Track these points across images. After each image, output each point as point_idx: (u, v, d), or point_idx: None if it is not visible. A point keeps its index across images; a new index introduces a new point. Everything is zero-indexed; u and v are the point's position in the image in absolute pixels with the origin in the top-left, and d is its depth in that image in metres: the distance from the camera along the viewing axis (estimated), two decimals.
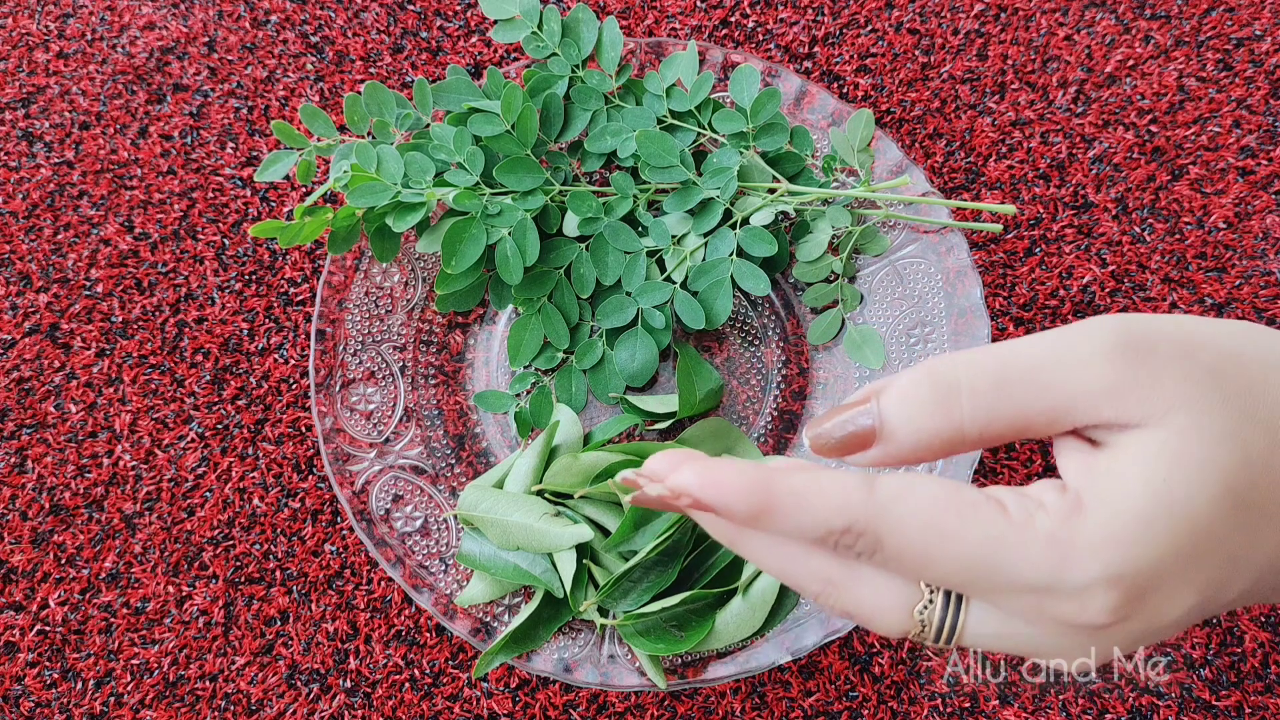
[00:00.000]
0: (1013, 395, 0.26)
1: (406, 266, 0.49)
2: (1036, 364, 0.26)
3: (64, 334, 0.52)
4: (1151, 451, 0.25)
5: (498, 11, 0.47)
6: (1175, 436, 0.25)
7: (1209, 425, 0.25)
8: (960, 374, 0.26)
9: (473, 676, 0.46)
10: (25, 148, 0.54)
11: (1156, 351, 0.26)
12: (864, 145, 0.46)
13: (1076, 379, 0.26)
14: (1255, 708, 0.46)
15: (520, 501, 0.43)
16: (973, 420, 0.26)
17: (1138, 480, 0.25)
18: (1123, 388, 0.25)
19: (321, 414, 0.46)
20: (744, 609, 0.43)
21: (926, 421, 0.26)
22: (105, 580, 0.49)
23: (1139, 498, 0.25)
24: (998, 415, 0.26)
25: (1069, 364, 0.26)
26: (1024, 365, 0.26)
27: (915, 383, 0.27)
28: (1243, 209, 0.52)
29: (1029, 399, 0.26)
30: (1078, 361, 0.26)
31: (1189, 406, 0.25)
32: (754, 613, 0.43)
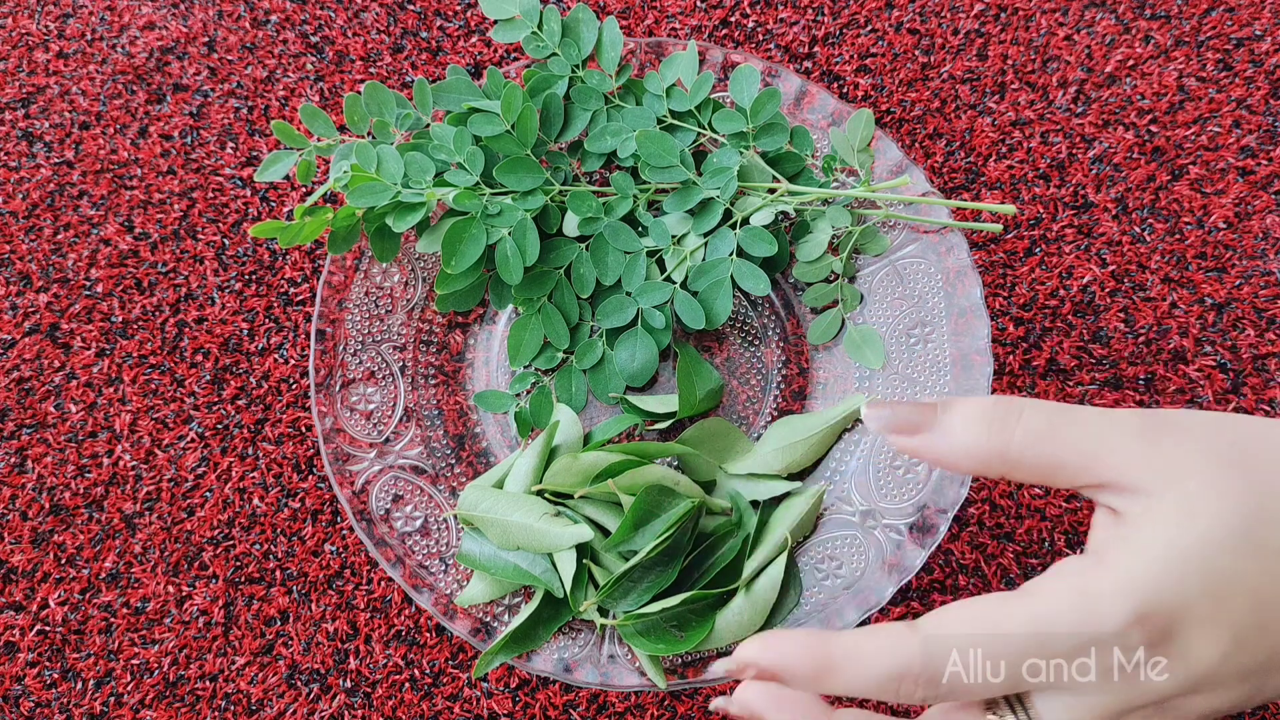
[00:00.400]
0: (1060, 435, 0.29)
1: (406, 266, 0.49)
2: (1082, 421, 0.30)
3: (64, 334, 0.52)
4: (1168, 509, 0.28)
5: (498, 11, 0.47)
6: (1189, 497, 0.28)
7: (1224, 487, 0.28)
8: (1024, 406, 0.30)
9: (473, 676, 0.46)
10: (25, 148, 0.54)
11: (1183, 428, 0.29)
12: (864, 145, 0.46)
13: (1111, 441, 0.29)
14: (1255, 707, 0.46)
15: (520, 501, 0.43)
16: (1019, 445, 0.30)
17: (1154, 532, 0.28)
18: (1147, 452, 0.29)
19: (321, 414, 0.46)
20: (745, 608, 0.43)
21: (980, 428, 0.30)
22: (105, 580, 0.49)
23: (1155, 544, 0.27)
24: (1041, 446, 0.30)
25: (1107, 428, 0.29)
26: (1076, 416, 0.30)
27: (982, 400, 0.31)
28: (1243, 209, 0.52)
29: (1069, 445, 0.29)
30: (1115, 429, 0.29)
31: (1205, 472, 0.28)
32: (755, 612, 0.43)
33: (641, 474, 0.43)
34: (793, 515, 0.44)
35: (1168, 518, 0.28)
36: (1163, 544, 0.27)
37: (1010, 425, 0.30)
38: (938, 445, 0.31)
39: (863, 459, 0.46)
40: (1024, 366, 0.50)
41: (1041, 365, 0.50)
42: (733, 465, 0.46)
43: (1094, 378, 0.50)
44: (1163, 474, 0.28)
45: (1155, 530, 0.28)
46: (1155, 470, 0.28)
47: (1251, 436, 0.29)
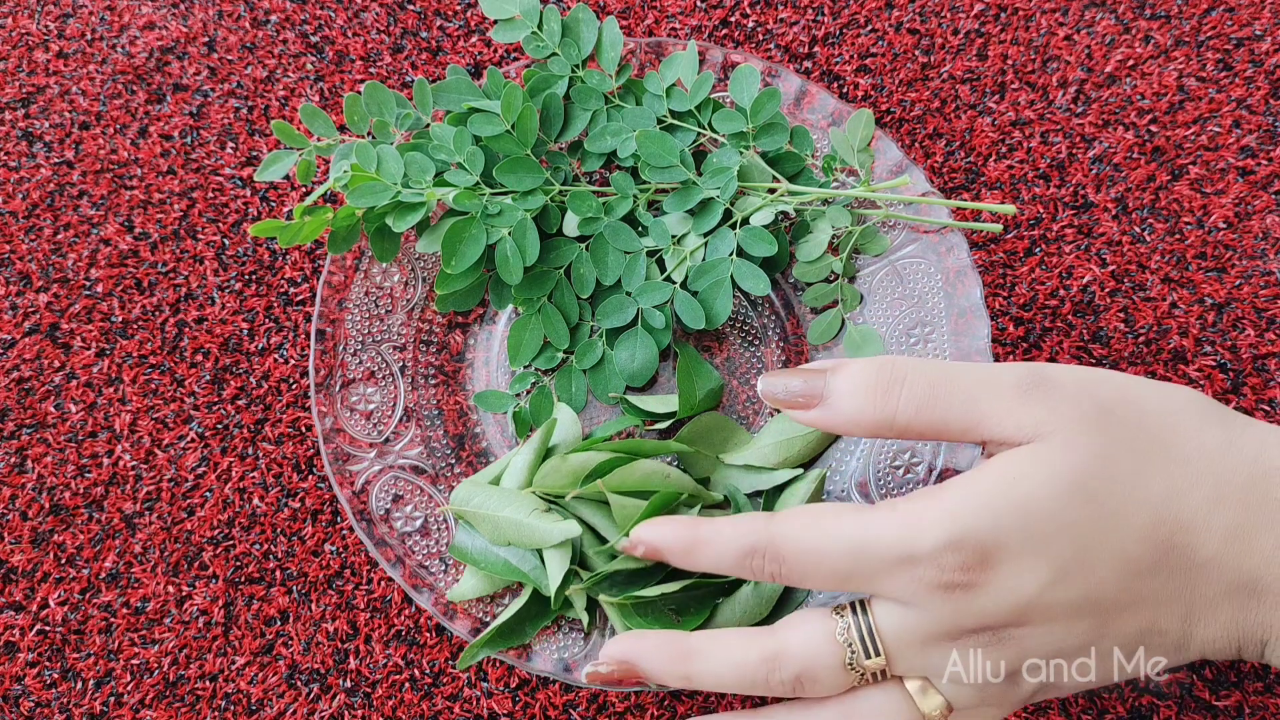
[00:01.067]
0: (940, 400, 0.32)
1: (406, 266, 0.49)
2: (966, 382, 0.32)
3: (64, 334, 0.52)
4: (1017, 456, 0.30)
5: (498, 11, 0.47)
6: (1044, 446, 0.30)
7: (1080, 441, 0.30)
8: (906, 371, 0.32)
9: (457, 667, 0.46)
10: (25, 148, 0.54)
11: (1059, 385, 0.31)
12: (864, 145, 0.46)
13: (990, 400, 0.31)
14: (1255, 708, 0.46)
15: (512, 497, 0.43)
16: (904, 411, 0.32)
17: (991, 471, 0.30)
18: (1021, 409, 0.31)
19: (321, 414, 0.46)
20: (750, 598, 0.43)
21: (866, 399, 0.33)
22: (105, 580, 0.49)
23: (985, 481, 0.30)
24: (924, 413, 0.32)
25: (989, 386, 0.31)
26: (956, 380, 0.32)
27: (866, 367, 0.33)
28: (1243, 209, 0.52)
29: (952, 407, 0.32)
30: (994, 387, 0.31)
31: (1070, 427, 0.30)
32: (761, 602, 0.43)
33: (630, 470, 0.42)
34: (795, 502, 0.44)
35: (1011, 463, 0.30)
36: (993, 483, 0.30)
37: (894, 394, 0.32)
38: (829, 418, 0.34)
39: (863, 459, 0.46)
40: None
41: None
42: (730, 457, 0.46)
43: None
44: (1030, 429, 0.30)
45: (992, 470, 0.30)
46: (1024, 426, 0.30)
47: (1119, 399, 0.31)
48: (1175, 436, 0.31)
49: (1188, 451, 0.31)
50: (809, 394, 0.34)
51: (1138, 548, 0.30)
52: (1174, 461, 0.30)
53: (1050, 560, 0.29)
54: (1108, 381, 0.32)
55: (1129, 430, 0.31)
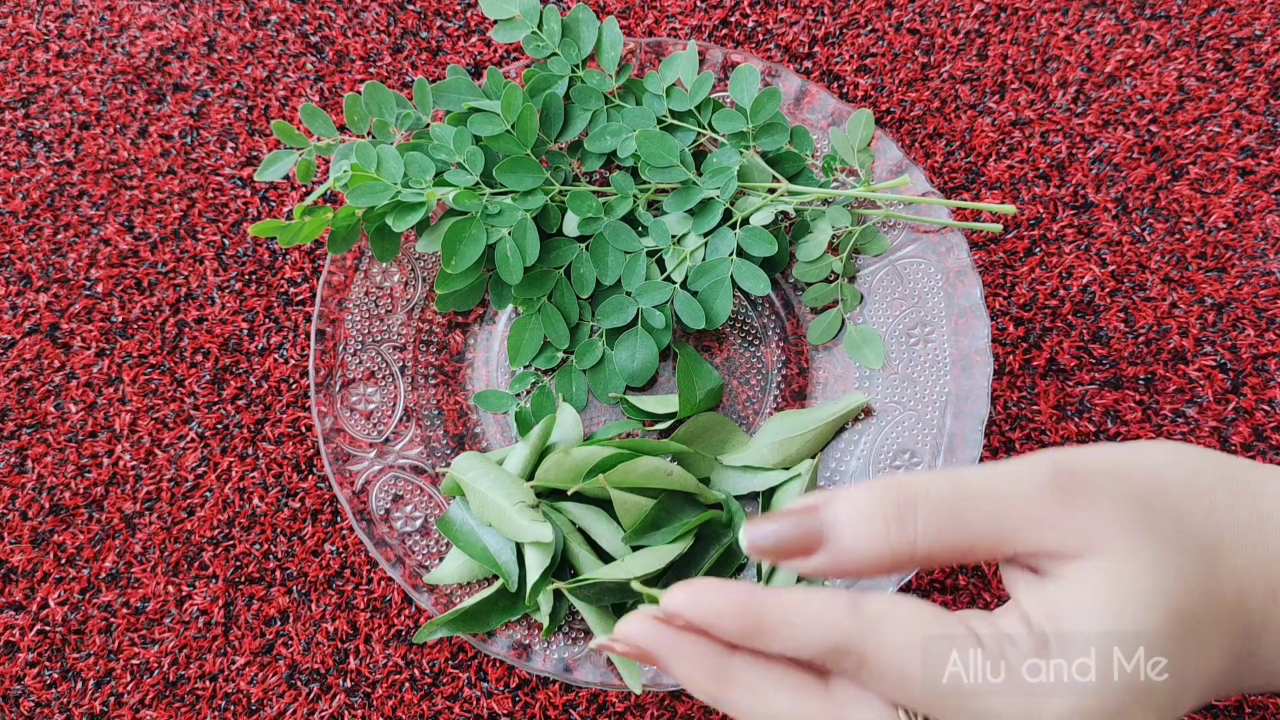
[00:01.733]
0: (963, 520, 0.27)
1: (406, 266, 0.49)
2: (984, 494, 0.27)
3: (64, 334, 0.52)
4: (1098, 584, 0.27)
5: (498, 11, 0.47)
6: (1117, 567, 0.27)
7: (1146, 553, 0.27)
8: (917, 494, 0.28)
9: (414, 641, 0.46)
10: (25, 148, 0.54)
11: (1088, 486, 0.27)
12: (864, 145, 0.46)
13: (1020, 511, 0.27)
14: (1255, 707, 0.46)
15: (506, 482, 0.43)
16: (924, 539, 0.27)
17: (1093, 616, 0.26)
18: (1062, 521, 0.27)
19: (321, 414, 0.46)
20: None
21: (881, 535, 0.27)
22: (105, 580, 0.49)
23: (1096, 634, 0.26)
24: (948, 537, 0.27)
25: (1013, 497, 0.27)
26: (974, 494, 0.27)
27: (868, 495, 0.28)
28: (1243, 209, 0.52)
29: (977, 525, 0.27)
30: (1021, 495, 0.27)
31: (1123, 536, 0.27)
32: None
33: (633, 467, 0.42)
34: (793, 497, 0.44)
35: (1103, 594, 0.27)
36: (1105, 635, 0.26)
37: (909, 525, 0.28)
38: (839, 563, 0.28)
39: (862, 459, 0.46)
40: (1024, 366, 0.50)
41: (1041, 365, 0.50)
42: (728, 458, 0.46)
43: (1094, 378, 0.50)
44: (1076, 543, 0.27)
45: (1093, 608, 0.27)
46: (1069, 541, 0.27)
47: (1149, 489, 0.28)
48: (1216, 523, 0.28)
49: (1235, 542, 0.28)
50: (806, 539, 0.28)
51: (1220, 664, 0.28)
52: (1229, 551, 0.28)
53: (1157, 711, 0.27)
54: (1129, 464, 0.29)
55: (1174, 525, 0.28)
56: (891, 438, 0.46)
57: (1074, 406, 0.50)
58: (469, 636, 0.43)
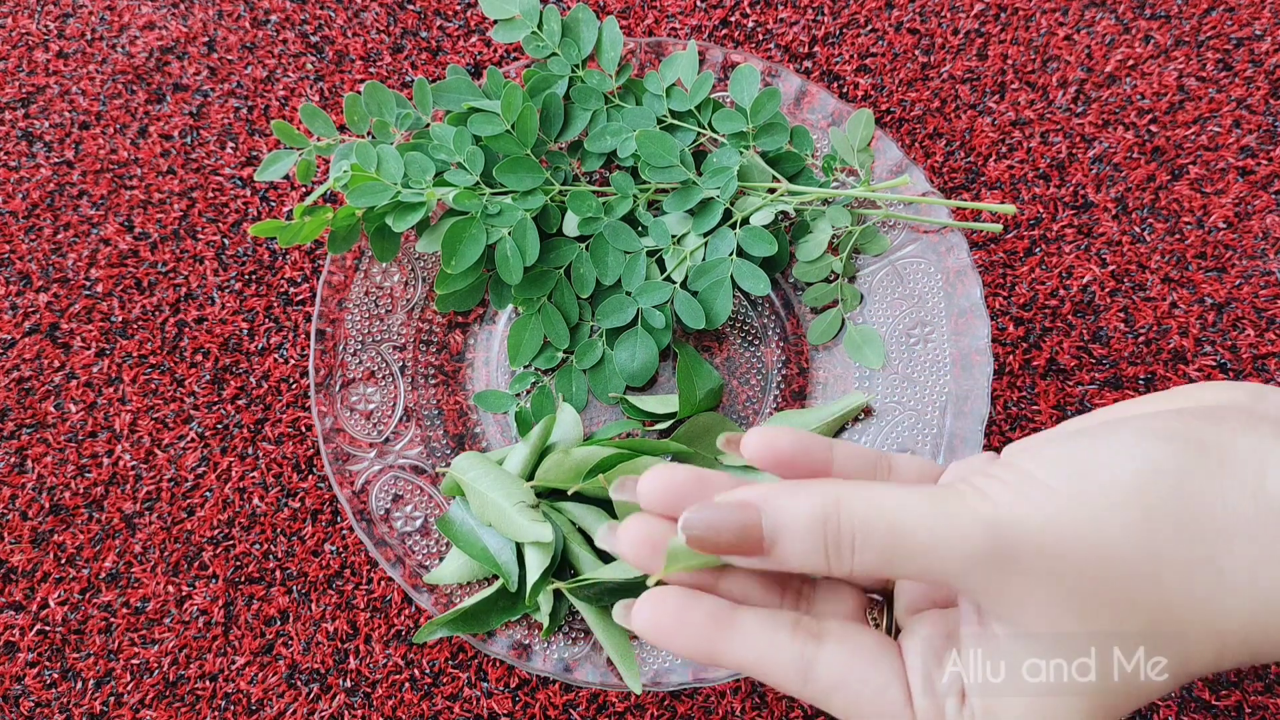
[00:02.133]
0: (898, 564, 0.28)
1: (406, 266, 0.49)
2: (923, 547, 0.27)
3: (64, 334, 0.52)
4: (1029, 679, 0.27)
5: (498, 11, 0.47)
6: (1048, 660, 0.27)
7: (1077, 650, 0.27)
8: (856, 531, 0.28)
9: (414, 641, 0.46)
10: (25, 148, 0.54)
11: (1020, 567, 0.27)
12: (864, 145, 0.46)
13: (954, 570, 0.27)
14: (1255, 707, 0.46)
15: (506, 482, 0.43)
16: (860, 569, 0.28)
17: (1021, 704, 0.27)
18: (995, 591, 0.27)
19: (321, 414, 0.46)
20: None
21: (819, 559, 0.28)
22: (105, 580, 0.49)
23: None
24: (882, 573, 0.28)
25: (949, 558, 0.27)
26: (913, 545, 0.27)
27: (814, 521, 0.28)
28: (1243, 209, 0.52)
29: (913, 571, 0.28)
30: (957, 558, 0.27)
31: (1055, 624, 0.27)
32: None
33: (632, 467, 0.42)
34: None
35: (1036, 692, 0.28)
36: None
37: (846, 558, 0.28)
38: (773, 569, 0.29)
39: None
40: (1024, 366, 0.50)
41: (1041, 365, 0.50)
42: (728, 458, 0.46)
43: (1094, 378, 0.50)
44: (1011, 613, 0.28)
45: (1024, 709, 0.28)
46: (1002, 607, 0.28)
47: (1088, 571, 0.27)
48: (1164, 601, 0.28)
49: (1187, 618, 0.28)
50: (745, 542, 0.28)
51: None
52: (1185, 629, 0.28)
53: None
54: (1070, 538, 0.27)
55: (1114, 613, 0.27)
56: (891, 437, 0.46)
57: (1074, 406, 0.50)
58: (469, 636, 0.43)
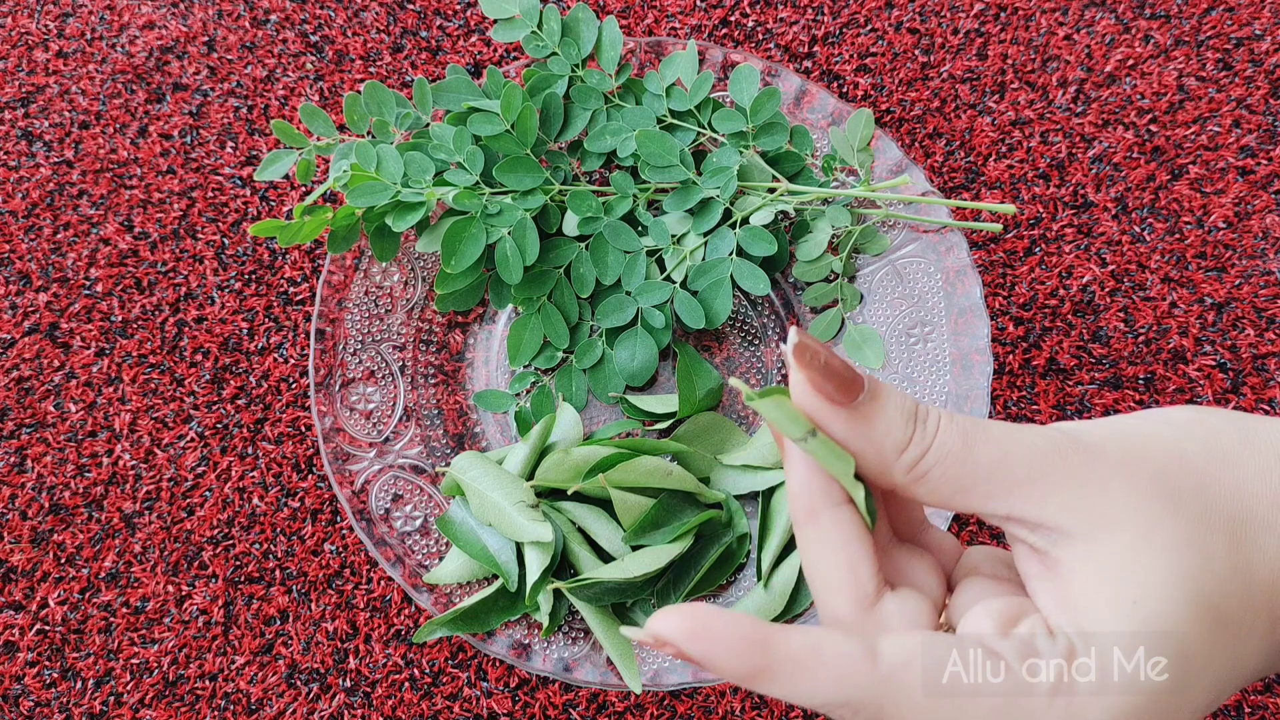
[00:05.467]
0: (974, 449, 0.26)
1: (406, 266, 0.49)
2: (1000, 435, 0.26)
3: (64, 333, 0.52)
4: (1112, 574, 0.25)
5: (497, 11, 0.47)
6: (1130, 555, 0.25)
7: (1162, 535, 0.25)
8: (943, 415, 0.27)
9: (412, 641, 0.46)
10: (25, 147, 0.54)
11: (1099, 454, 0.26)
12: (864, 145, 0.46)
13: (1028, 464, 0.26)
14: (1255, 707, 0.46)
15: (505, 481, 0.43)
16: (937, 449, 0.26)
17: (1111, 612, 0.25)
18: (1063, 486, 0.26)
19: (321, 413, 0.46)
20: (764, 601, 0.43)
21: (904, 424, 0.27)
22: (105, 580, 0.49)
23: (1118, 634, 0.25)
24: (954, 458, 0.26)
25: (1026, 447, 0.26)
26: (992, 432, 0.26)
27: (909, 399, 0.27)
28: (1242, 209, 0.52)
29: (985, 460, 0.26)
30: (1034, 449, 0.26)
31: (1135, 518, 0.25)
32: (774, 604, 0.43)
33: (632, 466, 0.42)
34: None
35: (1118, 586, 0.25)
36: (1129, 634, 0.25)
37: (929, 431, 0.27)
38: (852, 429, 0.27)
39: None
40: (1024, 366, 0.50)
41: (1041, 365, 0.50)
42: (727, 457, 0.46)
43: (1094, 377, 0.50)
44: (1086, 516, 0.26)
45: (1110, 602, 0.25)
46: (1075, 511, 0.26)
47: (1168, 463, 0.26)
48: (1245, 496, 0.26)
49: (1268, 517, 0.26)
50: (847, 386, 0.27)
51: (1258, 663, 0.26)
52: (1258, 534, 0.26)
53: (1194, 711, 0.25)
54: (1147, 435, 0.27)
55: (1196, 503, 0.26)
56: None
57: (1074, 406, 0.50)
58: (469, 636, 0.43)
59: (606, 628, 0.43)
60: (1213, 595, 0.25)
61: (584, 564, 0.43)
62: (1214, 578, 0.25)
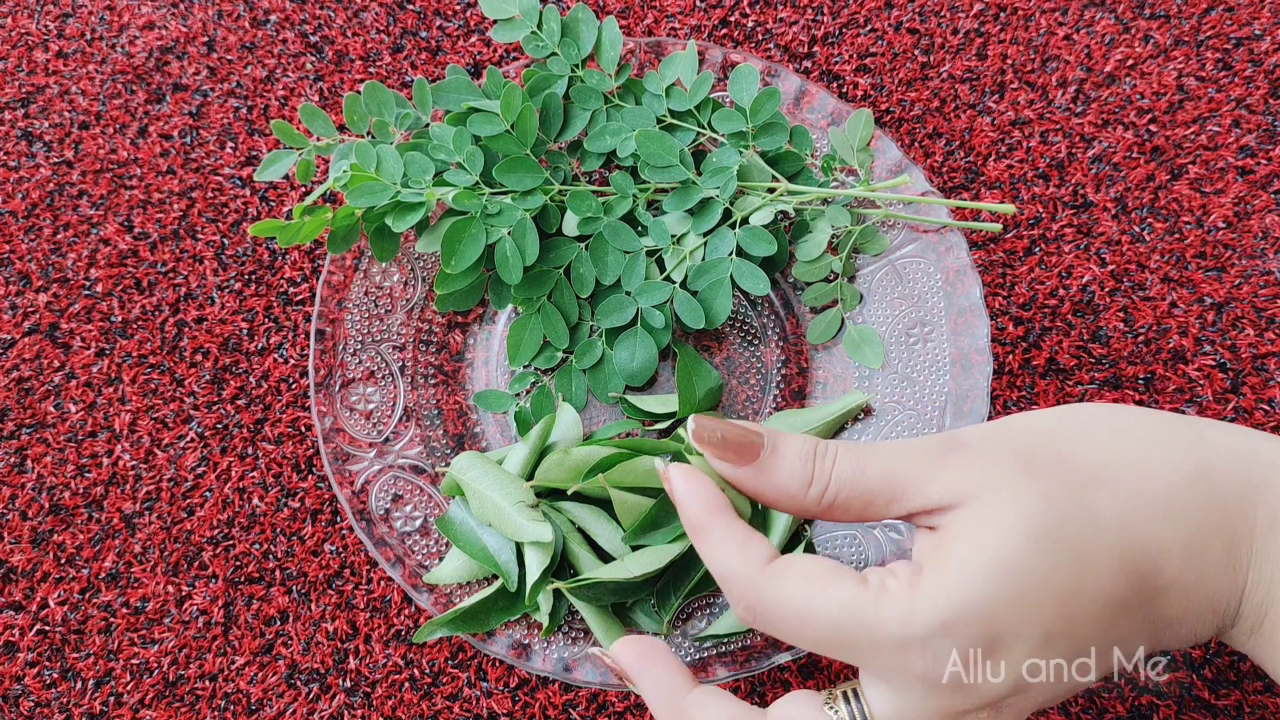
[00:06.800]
0: (865, 472, 0.32)
1: (406, 266, 0.49)
2: (885, 455, 0.32)
3: (64, 334, 0.52)
4: (969, 520, 0.30)
5: (497, 11, 0.47)
6: (987, 506, 0.30)
7: (1014, 495, 0.30)
8: (837, 447, 0.33)
9: (412, 641, 0.46)
10: (25, 147, 0.54)
11: (969, 445, 0.32)
12: (863, 145, 0.46)
13: (910, 468, 0.32)
14: (1255, 707, 0.46)
15: (505, 481, 0.43)
16: (835, 480, 0.32)
17: (960, 542, 0.30)
18: (942, 475, 0.31)
19: (321, 413, 0.46)
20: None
21: (802, 467, 0.33)
22: (105, 580, 0.49)
23: (962, 556, 0.29)
24: (850, 486, 0.32)
25: (907, 458, 0.32)
26: (877, 455, 0.32)
27: (806, 442, 0.33)
28: (1242, 209, 0.52)
29: (875, 478, 0.32)
30: (914, 457, 0.32)
31: (998, 482, 0.30)
32: None
33: (632, 466, 0.42)
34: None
35: (969, 532, 0.30)
36: (969, 553, 0.29)
37: (826, 467, 0.32)
38: (759, 482, 0.33)
39: None
40: (1024, 366, 0.50)
41: (1041, 365, 0.50)
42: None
43: (1094, 377, 0.50)
44: (958, 491, 0.30)
45: (960, 546, 0.30)
46: (948, 489, 0.30)
47: (1034, 443, 0.31)
48: (1101, 459, 0.31)
49: (1119, 471, 0.30)
50: (746, 448, 0.33)
51: (1113, 586, 0.29)
52: (1112, 485, 0.30)
53: (1039, 624, 0.29)
54: (1016, 425, 0.32)
55: (1056, 466, 0.30)
56: (891, 437, 0.46)
57: None
58: (469, 636, 0.43)
59: (606, 628, 0.43)
60: (1051, 526, 0.29)
61: (584, 564, 0.43)
62: (1055, 514, 0.29)
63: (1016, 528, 0.29)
